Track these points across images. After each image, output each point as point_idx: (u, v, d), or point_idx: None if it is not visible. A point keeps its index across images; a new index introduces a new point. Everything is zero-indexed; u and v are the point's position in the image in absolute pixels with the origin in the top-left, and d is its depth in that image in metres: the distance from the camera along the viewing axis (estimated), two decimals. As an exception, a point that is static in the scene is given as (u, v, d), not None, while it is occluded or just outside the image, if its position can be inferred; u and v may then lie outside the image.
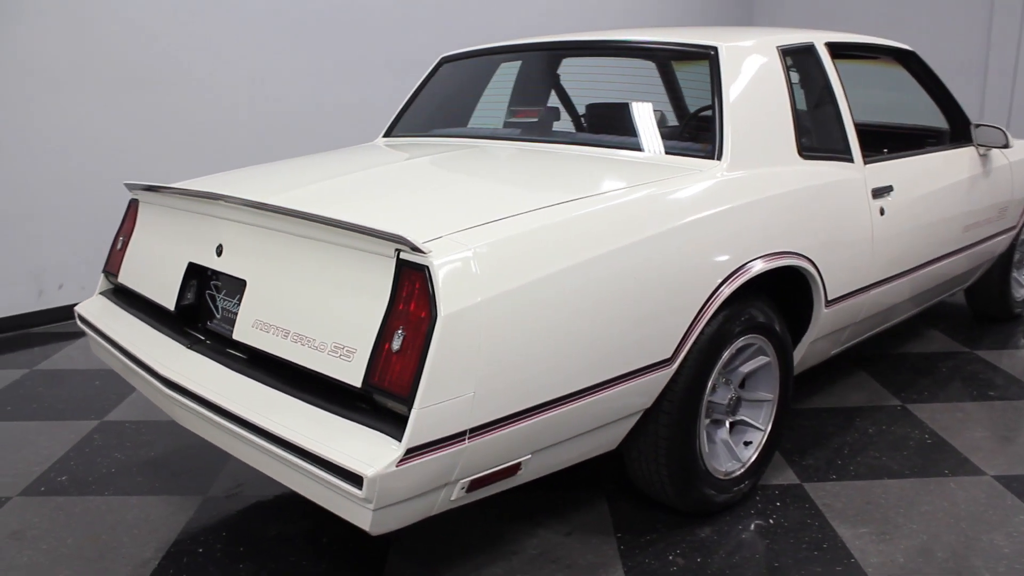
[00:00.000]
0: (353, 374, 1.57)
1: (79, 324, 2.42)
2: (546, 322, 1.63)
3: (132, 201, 2.44)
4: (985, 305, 3.79)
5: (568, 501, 2.32)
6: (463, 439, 1.53)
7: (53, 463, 2.59)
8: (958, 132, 3.26)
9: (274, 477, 1.70)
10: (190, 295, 2.09)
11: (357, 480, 1.44)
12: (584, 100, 2.83)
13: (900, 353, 3.45)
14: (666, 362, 1.89)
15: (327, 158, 2.58)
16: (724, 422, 2.27)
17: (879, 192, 2.58)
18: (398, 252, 1.56)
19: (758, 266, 2.07)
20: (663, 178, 2.02)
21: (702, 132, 2.21)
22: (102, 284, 2.50)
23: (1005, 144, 3.12)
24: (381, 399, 1.54)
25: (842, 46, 2.73)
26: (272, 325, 1.78)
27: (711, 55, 2.27)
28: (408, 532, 2.17)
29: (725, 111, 2.17)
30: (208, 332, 2.02)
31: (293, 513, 2.26)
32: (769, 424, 2.34)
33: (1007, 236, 3.48)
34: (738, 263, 2.01)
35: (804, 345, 2.45)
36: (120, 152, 4.07)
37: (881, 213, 2.57)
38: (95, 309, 2.39)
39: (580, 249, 1.70)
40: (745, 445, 2.32)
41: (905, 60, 3.11)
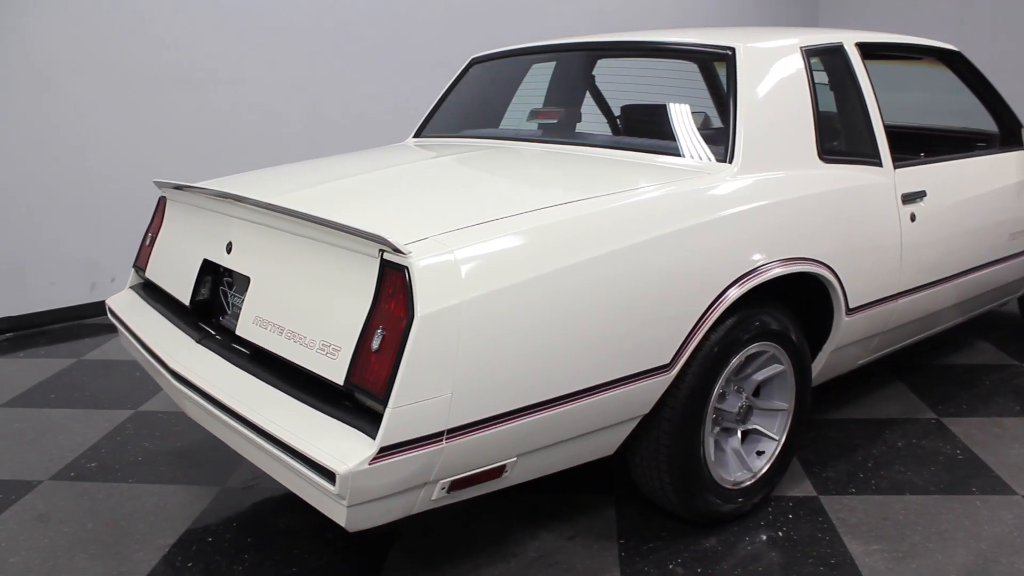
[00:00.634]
0: (337, 372, 1.60)
1: (110, 317, 2.51)
2: (530, 325, 1.62)
3: (161, 199, 2.53)
4: (1040, 316, 3.62)
5: (575, 505, 2.30)
6: (440, 440, 1.53)
7: (85, 450, 2.70)
8: (1008, 135, 3.12)
9: (265, 471, 1.74)
10: (204, 291, 2.15)
11: (331, 476, 1.46)
12: (608, 102, 2.81)
13: (943, 364, 3.31)
14: (664, 368, 1.86)
15: (348, 159, 2.62)
16: (735, 431, 2.22)
17: (910, 197, 2.48)
18: (382, 252, 1.57)
19: (767, 272, 2.02)
20: (667, 181, 1.99)
21: (716, 134, 2.17)
22: (132, 279, 2.60)
23: None
24: (361, 397, 1.56)
25: (877, 46, 2.65)
26: (270, 322, 1.82)
27: (728, 56, 2.22)
28: (411, 529, 2.19)
29: (739, 113, 2.13)
30: (220, 327, 2.08)
31: (303, 507, 2.31)
32: (784, 434, 2.28)
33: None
34: (744, 269, 1.97)
35: (825, 354, 2.38)
36: (171, 152, 4.21)
37: (912, 219, 2.47)
38: (123, 303, 2.48)
39: (569, 253, 1.69)
40: (758, 455, 2.26)
41: (950, 60, 2.99)
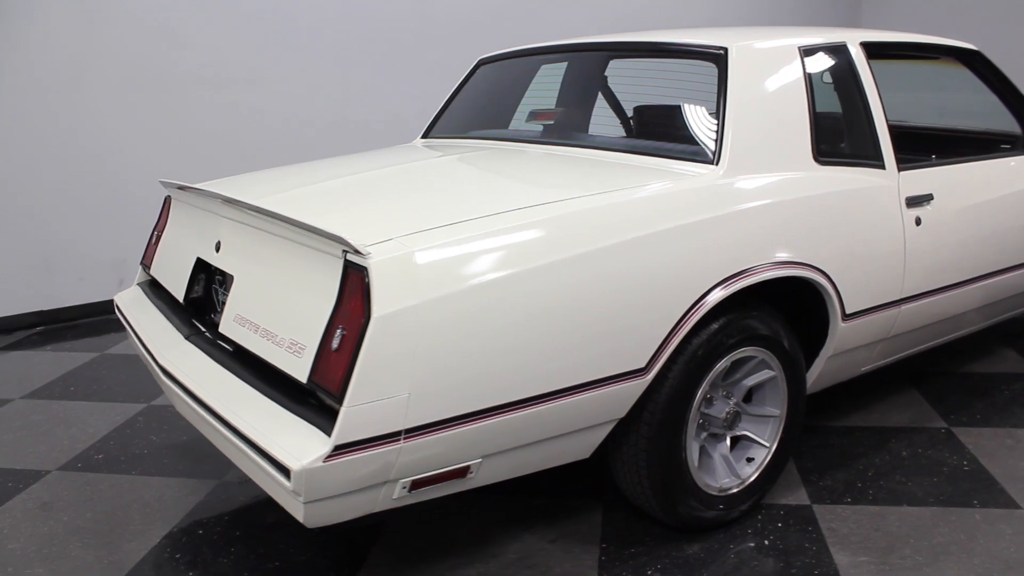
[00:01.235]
0: (302, 370, 1.62)
1: (117, 314, 2.58)
2: (493, 327, 1.62)
3: (167, 198, 2.59)
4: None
5: (562, 508, 2.30)
6: (398, 439, 1.54)
7: (95, 441, 2.78)
8: (1032, 136, 3.01)
9: (238, 466, 1.77)
10: (198, 289, 2.20)
11: (287, 472, 1.49)
12: (598, 103, 2.79)
13: (961, 372, 3.22)
14: (639, 372, 1.84)
15: (347, 160, 2.64)
16: (724, 436, 2.19)
17: (915, 201, 2.42)
18: (345, 253, 1.59)
19: (753, 276, 1.99)
20: (647, 183, 1.97)
21: (706, 136, 2.14)
22: (139, 276, 2.66)
23: None
24: (322, 395, 1.58)
25: (885, 46, 2.58)
26: (248, 320, 1.85)
27: (721, 56, 2.19)
28: (396, 527, 2.21)
29: (728, 114, 2.10)
30: (209, 324, 2.13)
31: (293, 502, 2.34)
32: (775, 441, 2.24)
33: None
34: (727, 273, 1.93)
35: (822, 360, 2.33)
36: (195, 153, 4.31)
37: (917, 223, 2.41)
38: (128, 299, 2.55)
39: (535, 255, 1.68)
40: (748, 462, 2.23)
41: (969, 60, 2.90)
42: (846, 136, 2.36)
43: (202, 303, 2.20)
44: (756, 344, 2.10)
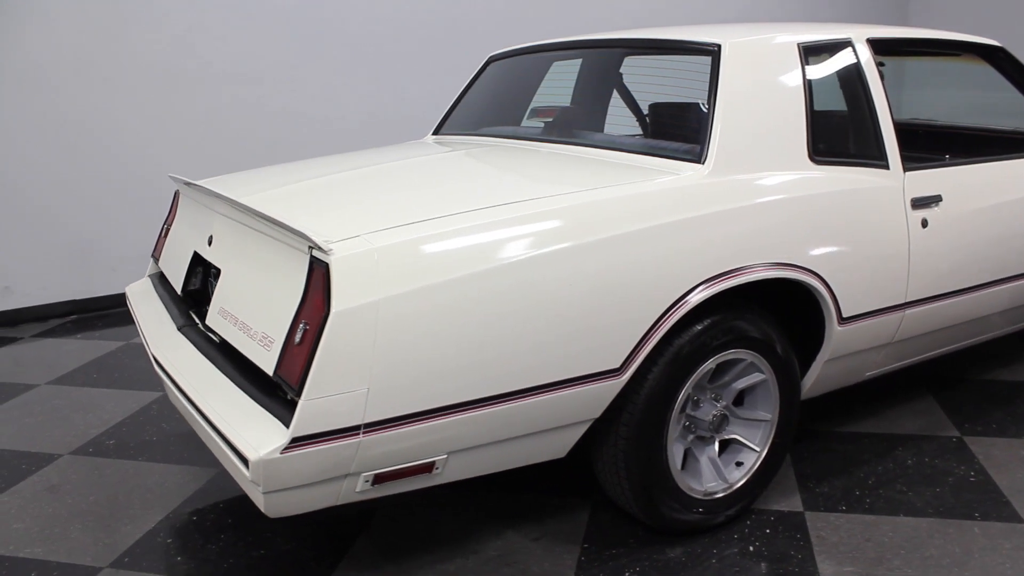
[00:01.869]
0: (270, 363, 1.65)
1: (127, 303, 2.66)
2: (456, 324, 1.62)
3: (176, 192, 2.66)
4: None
5: (550, 507, 2.29)
6: (357, 433, 1.56)
7: (108, 427, 2.87)
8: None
9: (215, 455, 1.81)
10: (195, 281, 2.26)
11: (247, 462, 1.52)
12: (596, 101, 2.77)
13: (983, 379, 3.11)
14: (614, 372, 1.83)
15: (348, 156, 2.67)
16: (712, 439, 2.16)
17: (922, 202, 2.35)
18: (311, 249, 1.62)
19: (739, 278, 1.95)
20: (628, 181, 1.95)
21: (695, 134, 2.11)
22: (150, 268, 2.73)
23: None
24: (285, 388, 1.61)
25: (897, 43, 2.51)
26: (230, 313, 1.90)
27: (714, 52, 2.16)
28: (383, 519, 2.23)
29: (717, 112, 2.06)
30: (202, 316, 2.18)
31: (287, 492, 2.38)
32: (766, 446, 2.20)
33: None
34: (709, 274, 1.90)
35: (819, 364, 2.27)
36: (221, 148, 4.41)
37: (923, 225, 2.34)
38: (137, 290, 2.62)
39: (501, 253, 1.68)
40: (737, 466, 2.20)
41: (991, 56, 2.80)
42: (847, 135, 2.30)
43: (199, 295, 2.25)
44: (744, 346, 2.07)
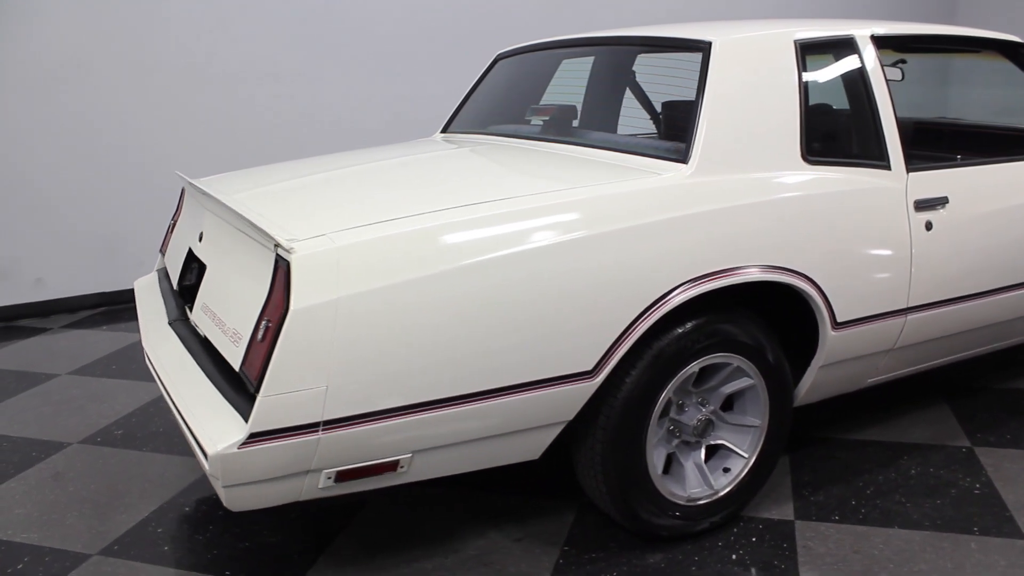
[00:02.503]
0: (236, 358, 1.68)
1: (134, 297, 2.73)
2: (418, 324, 1.62)
3: (183, 189, 2.71)
4: None
5: (537, 508, 2.28)
6: (316, 430, 1.57)
7: (119, 418, 2.95)
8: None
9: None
10: (190, 276, 2.29)
11: (207, 456, 1.54)
12: (574, 99, 2.74)
13: (1002, 388, 2.99)
14: (587, 374, 1.80)
15: (349, 155, 2.69)
16: (698, 444, 2.12)
17: (926, 204, 2.27)
18: (276, 247, 1.63)
19: (720, 280, 1.91)
20: (606, 181, 1.93)
21: (681, 133, 2.07)
22: (158, 262, 2.80)
23: None
24: (247, 384, 1.62)
25: (907, 39, 2.43)
26: (209, 308, 1.93)
27: (704, 49, 2.11)
28: (368, 515, 2.24)
29: (703, 110, 2.02)
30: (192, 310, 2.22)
31: (279, 486, 2.42)
32: (755, 453, 2.15)
33: None
34: (687, 276, 1.86)
35: (814, 370, 2.22)
36: (243, 147, 4.49)
37: (927, 228, 2.26)
38: (144, 284, 2.68)
39: (468, 252, 1.67)
40: (724, 472, 2.15)
41: (1012, 53, 2.69)
42: (845, 135, 2.23)
43: (191, 291, 2.28)
44: (730, 350, 2.03)
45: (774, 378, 2.12)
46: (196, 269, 2.29)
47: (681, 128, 2.07)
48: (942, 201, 2.30)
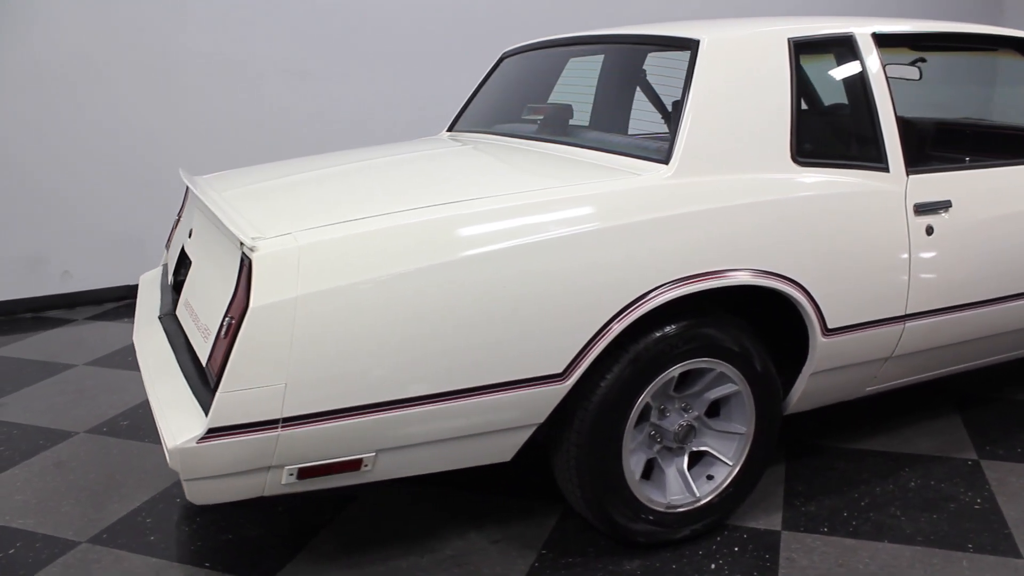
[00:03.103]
0: (204, 354, 1.70)
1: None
2: (380, 323, 1.62)
3: (187, 187, 2.76)
4: None
5: (520, 510, 2.27)
6: (275, 427, 1.58)
7: (127, 409, 3.01)
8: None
9: (166, 442, 1.88)
10: (182, 272, 2.33)
11: (167, 450, 1.57)
12: (575, 97, 2.70)
13: (1021, 399, 2.88)
14: (557, 377, 1.78)
15: (349, 153, 2.70)
16: (681, 450, 2.09)
17: (927, 208, 2.19)
18: (242, 245, 1.65)
19: (698, 284, 1.87)
20: (583, 181, 1.90)
21: (662, 133, 2.04)
22: (164, 257, 2.85)
23: None
24: (211, 379, 1.64)
25: (909, 37, 2.35)
26: (189, 303, 1.96)
27: (692, 48, 2.07)
28: (353, 511, 2.25)
29: (687, 110, 1.98)
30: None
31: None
32: (740, 461, 2.11)
33: None
34: (662, 280, 1.83)
35: (805, 377, 2.16)
36: (260, 144, 4.55)
37: (928, 232, 2.19)
38: (147, 279, 2.74)
39: (434, 252, 1.66)
40: (708, 479, 2.11)
41: (1030, 50, 2.59)
42: (839, 136, 2.18)
43: (182, 286, 2.33)
44: (713, 355, 1.99)
45: (760, 384, 2.07)
46: (188, 265, 2.34)
47: (662, 127, 2.03)
48: (944, 205, 2.22)
